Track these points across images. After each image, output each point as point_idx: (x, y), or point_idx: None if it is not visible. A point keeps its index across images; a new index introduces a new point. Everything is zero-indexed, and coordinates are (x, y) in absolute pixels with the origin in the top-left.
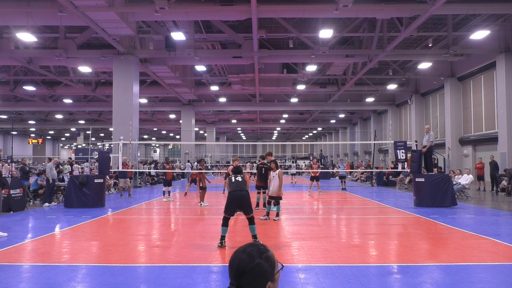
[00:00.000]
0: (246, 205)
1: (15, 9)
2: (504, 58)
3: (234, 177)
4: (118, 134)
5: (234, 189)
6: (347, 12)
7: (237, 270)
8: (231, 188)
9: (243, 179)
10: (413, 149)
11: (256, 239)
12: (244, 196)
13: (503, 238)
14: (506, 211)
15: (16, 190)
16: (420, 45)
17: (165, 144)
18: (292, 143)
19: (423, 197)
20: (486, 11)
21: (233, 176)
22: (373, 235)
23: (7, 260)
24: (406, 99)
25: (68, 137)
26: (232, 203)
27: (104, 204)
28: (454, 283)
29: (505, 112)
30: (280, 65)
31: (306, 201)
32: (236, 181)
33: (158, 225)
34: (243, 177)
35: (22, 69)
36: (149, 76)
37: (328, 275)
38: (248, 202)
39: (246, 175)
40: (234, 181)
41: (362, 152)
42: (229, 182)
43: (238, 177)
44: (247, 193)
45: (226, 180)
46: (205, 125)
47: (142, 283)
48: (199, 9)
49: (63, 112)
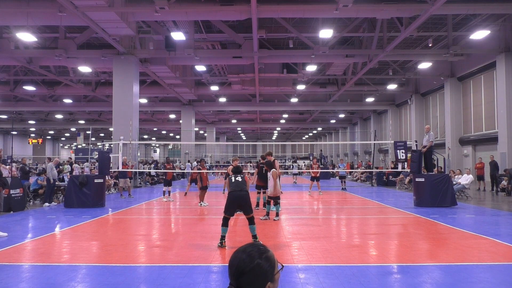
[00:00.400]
0: (246, 205)
1: (15, 9)
2: (504, 58)
3: (234, 177)
4: (118, 134)
5: (234, 189)
6: (347, 12)
7: (237, 270)
8: (231, 188)
9: (243, 179)
10: (413, 149)
11: (256, 239)
12: (244, 196)
13: (503, 238)
14: (506, 211)
15: (16, 190)
16: (420, 45)
17: (165, 144)
18: (292, 143)
19: (423, 197)
20: (486, 11)
21: (233, 176)
22: (373, 235)
23: (7, 260)
24: (406, 99)
25: (68, 137)
26: (232, 203)
27: (104, 204)
28: (454, 283)
29: (505, 112)
30: (280, 65)
31: (306, 201)
32: (236, 181)
33: (158, 225)
34: (243, 177)
35: (22, 69)
36: (149, 76)
37: (328, 275)
38: (248, 202)
39: (246, 175)
40: (234, 181)
41: (362, 152)
42: (229, 182)
43: (238, 177)
44: (247, 193)
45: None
46: (205, 125)
47: (142, 283)
48: (199, 9)
49: (63, 112)
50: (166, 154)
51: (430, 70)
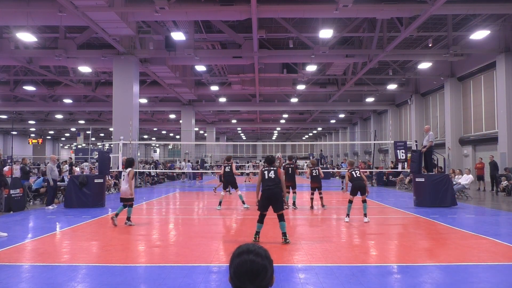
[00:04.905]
0: (278, 201)
1: (15, 9)
2: (504, 58)
3: (268, 172)
4: (118, 134)
5: (268, 186)
6: (347, 12)
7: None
8: (264, 184)
9: (276, 175)
10: (413, 149)
11: (286, 237)
12: (277, 193)
13: (503, 238)
14: (506, 211)
15: (16, 190)
16: (420, 45)
17: (165, 144)
18: (292, 143)
19: (423, 197)
20: (486, 11)
21: (266, 171)
22: (373, 235)
23: (7, 260)
24: (406, 99)
25: (68, 137)
26: (266, 199)
27: (104, 204)
28: (454, 283)
29: (505, 112)
30: (280, 65)
31: (306, 201)
32: (269, 178)
33: (158, 225)
34: (276, 171)
35: (22, 69)
36: (149, 76)
37: (328, 275)
38: (280, 199)
39: (279, 169)
40: (268, 178)
41: (362, 152)
42: (262, 178)
43: (272, 173)
44: (280, 190)
45: (259, 175)
46: (205, 125)
47: (142, 283)
48: (199, 9)
49: (63, 112)
50: (166, 154)
51: (430, 70)
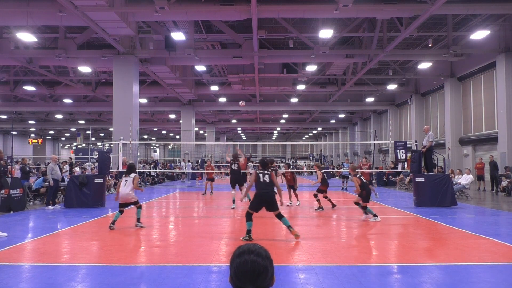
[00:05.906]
0: (273, 203)
1: (15, 9)
2: (504, 58)
3: (262, 175)
4: (118, 134)
5: (262, 189)
6: (347, 12)
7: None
8: (258, 188)
9: (271, 180)
10: (413, 149)
11: (292, 228)
12: (271, 196)
13: (503, 238)
14: (506, 211)
15: (16, 190)
16: (420, 45)
17: (165, 144)
18: (292, 143)
19: (423, 197)
20: (486, 11)
21: (261, 175)
22: (373, 235)
23: (7, 260)
24: (406, 99)
25: (68, 137)
26: (260, 201)
27: (104, 204)
28: (454, 283)
29: (505, 112)
30: (280, 65)
31: (306, 201)
32: (264, 182)
33: (158, 225)
34: (270, 176)
35: (22, 69)
36: (149, 76)
37: (328, 275)
38: (274, 200)
39: (273, 174)
40: (262, 181)
41: (362, 152)
42: (256, 180)
43: (266, 177)
44: (273, 193)
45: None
46: (205, 125)
47: (142, 283)
48: (199, 9)
49: (63, 112)
50: (166, 154)
51: (430, 70)
